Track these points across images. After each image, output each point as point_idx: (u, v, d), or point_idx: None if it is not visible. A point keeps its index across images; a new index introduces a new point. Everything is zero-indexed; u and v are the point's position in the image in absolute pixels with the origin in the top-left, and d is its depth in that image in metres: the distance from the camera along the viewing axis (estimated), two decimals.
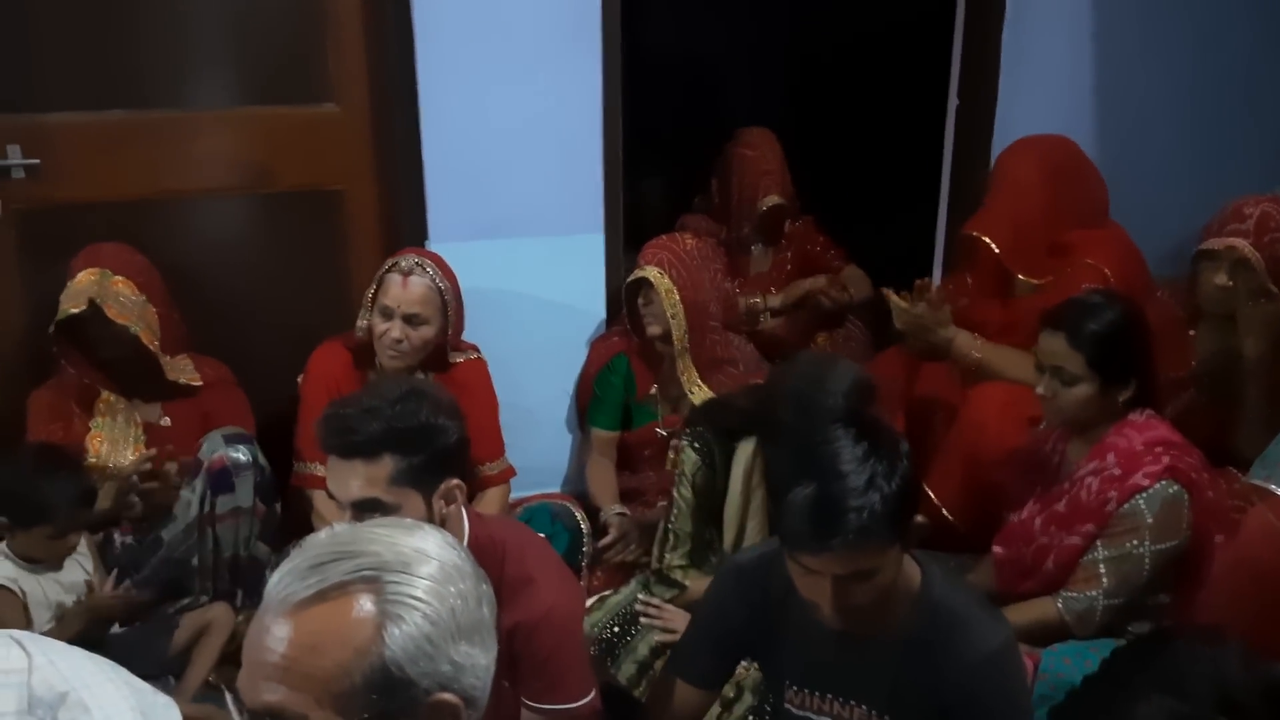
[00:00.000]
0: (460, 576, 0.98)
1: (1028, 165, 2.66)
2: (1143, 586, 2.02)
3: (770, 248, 3.55)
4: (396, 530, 1.00)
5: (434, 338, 2.45)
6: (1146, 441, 2.03)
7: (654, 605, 2.28)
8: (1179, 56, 3.12)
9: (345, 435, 1.58)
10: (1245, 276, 2.34)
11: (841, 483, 1.39)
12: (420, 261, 2.44)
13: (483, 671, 0.98)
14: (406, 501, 1.59)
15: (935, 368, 2.82)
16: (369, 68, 2.66)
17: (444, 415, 1.65)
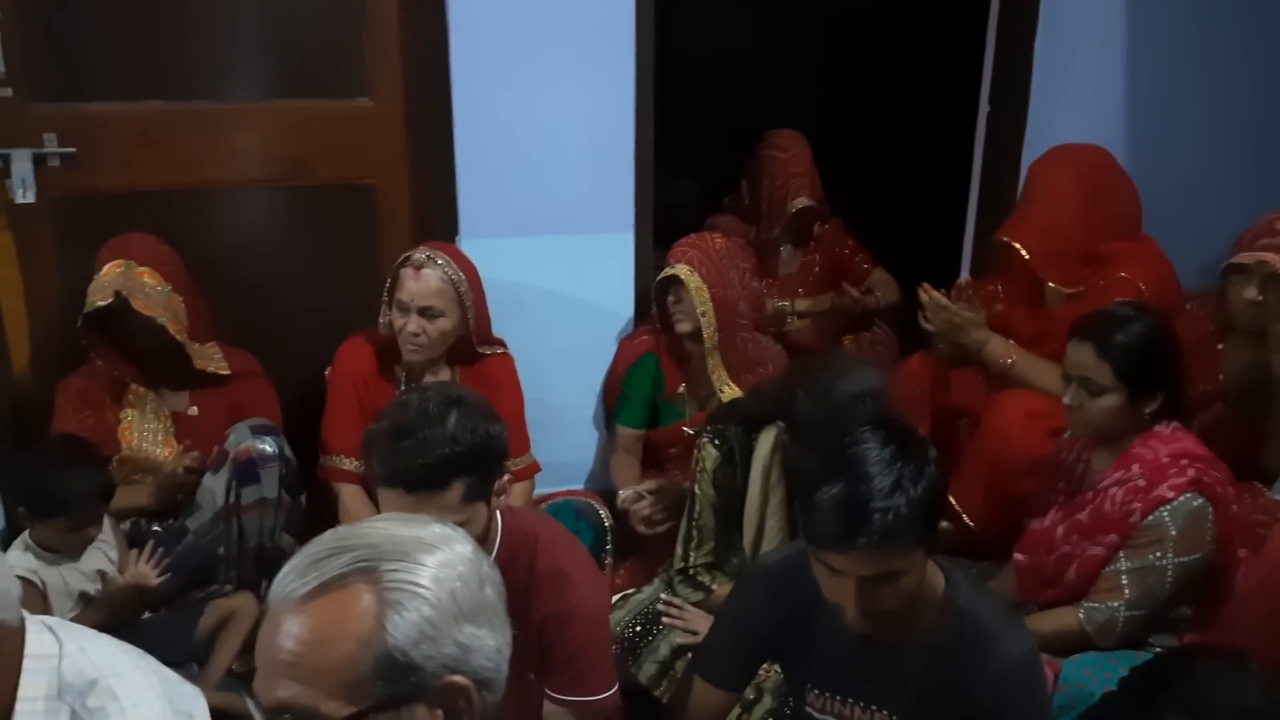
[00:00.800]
0: (459, 560, 1.00)
1: (1063, 173, 2.63)
2: (1165, 599, 2.02)
3: (799, 249, 3.55)
4: (394, 522, 1.03)
5: (453, 330, 2.46)
6: (1172, 454, 2.02)
7: (676, 605, 2.30)
8: (1215, 67, 3.09)
9: (412, 473, 1.54)
10: (1276, 292, 2.32)
11: (869, 484, 1.40)
12: (432, 254, 2.44)
13: (493, 653, 1.00)
14: (474, 514, 1.60)
15: (961, 374, 2.81)
16: (404, 63, 2.68)
17: (491, 420, 1.65)
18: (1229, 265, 2.39)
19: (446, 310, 2.43)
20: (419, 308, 2.41)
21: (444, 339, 2.46)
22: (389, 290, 2.47)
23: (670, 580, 2.35)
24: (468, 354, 2.56)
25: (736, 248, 2.88)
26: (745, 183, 3.57)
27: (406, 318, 2.42)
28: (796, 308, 3.48)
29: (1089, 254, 2.64)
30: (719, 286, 2.69)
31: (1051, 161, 2.70)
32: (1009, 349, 2.59)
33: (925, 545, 1.46)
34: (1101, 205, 2.64)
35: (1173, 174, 2.73)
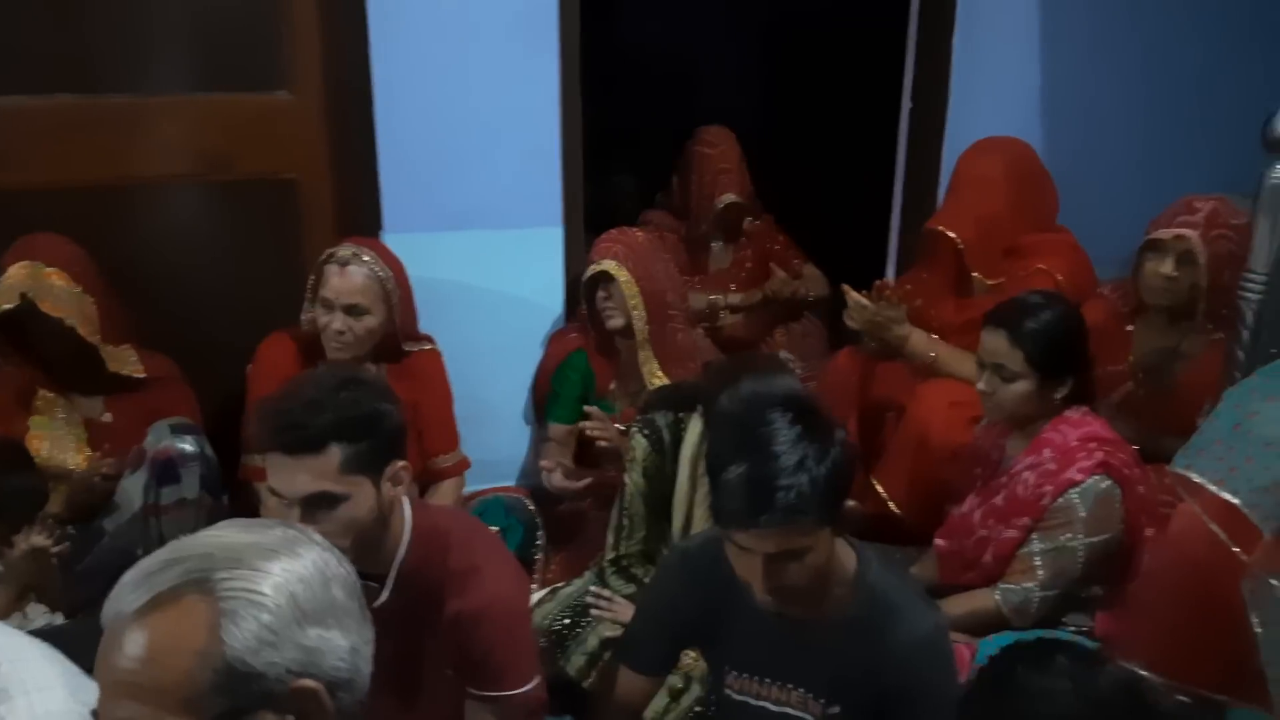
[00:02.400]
0: (301, 563, 0.98)
1: (991, 164, 2.72)
2: (1077, 579, 2.07)
3: (730, 245, 3.59)
4: (231, 529, 1.01)
5: (379, 327, 2.44)
6: (1081, 437, 2.08)
7: (605, 597, 2.30)
8: (1128, 63, 3.19)
9: (290, 431, 1.55)
10: (1189, 269, 2.40)
11: (774, 463, 1.42)
12: (358, 251, 2.42)
13: (346, 653, 0.98)
14: (357, 489, 1.57)
15: (887, 366, 2.87)
16: (323, 56, 2.64)
17: (385, 399, 1.65)
18: (1146, 242, 2.47)
19: (372, 308, 2.41)
20: (344, 305, 2.39)
21: (370, 336, 2.44)
22: (313, 287, 2.44)
23: (602, 572, 2.36)
24: (394, 351, 2.54)
25: (658, 240, 2.90)
26: (676, 179, 3.61)
27: (331, 315, 2.40)
28: (729, 302, 3.52)
29: (1010, 246, 2.71)
30: (647, 279, 2.70)
31: (979, 153, 2.77)
32: (930, 343, 2.66)
33: (831, 523, 1.49)
34: (1025, 197, 2.72)
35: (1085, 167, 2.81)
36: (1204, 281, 2.39)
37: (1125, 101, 3.21)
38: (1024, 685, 1.14)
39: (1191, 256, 2.39)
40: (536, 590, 2.45)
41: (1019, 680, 1.15)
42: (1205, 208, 2.41)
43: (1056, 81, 3.14)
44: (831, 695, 1.62)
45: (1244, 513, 1.46)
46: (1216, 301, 2.40)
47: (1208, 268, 2.38)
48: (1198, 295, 2.41)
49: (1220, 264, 2.38)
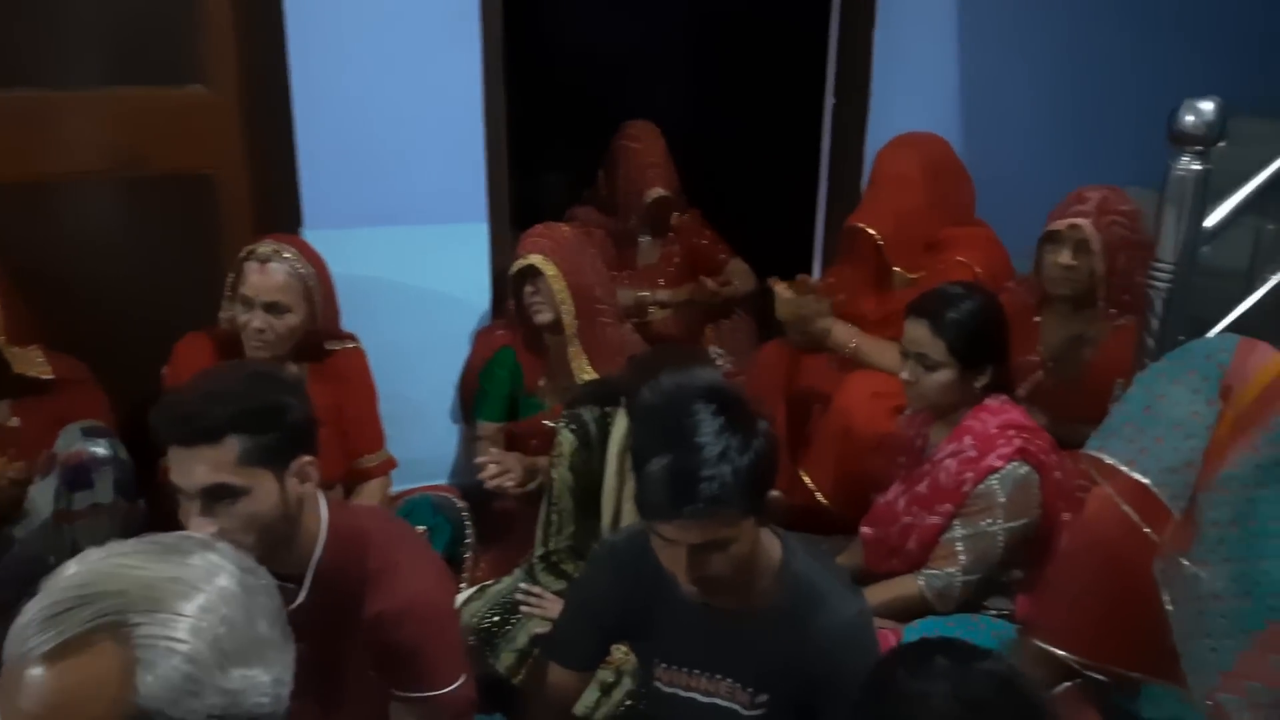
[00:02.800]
0: (223, 600, 0.92)
1: (908, 161, 2.76)
2: (997, 563, 2.12)
3: (658, 240, 3.59)
4: (149, 557, 0.94)
5: (300, 326, 2.40)
6: (1000, 425, 2.12)
7: (535, 594, 2.29)
8: (1041, 61, 3.27)
9: (187, 422, 1.51)
10: (1086, 257, 2.47)
11: (696, 454, 1.42)
12: (278, 248, 2.37)
13: (268, 687, 0.94)
14: (257, 483, 1.54)
15: (813, 359, 2.90)
16: (238, 49, 2.59)
17: (288, 391, 1.61)
18: (1044, 234, 2.55)
19: (293, 306, 2.37)
20: (264, 303, 2.34)
21: (291, 335, 2.39)
22: (231, 285, 2.38)
23: (531, 568, 2.35)
24: (315, 350, 2.50)
25: (585, 235, 2.89)
26: (603, 174, 3.60)
27: (251, 314, 2.35)
28: (657, 298, 3.52)
29: (930, 239, 2.76)
30: (574, 273, 2.69)
31: (897, 149, 2.81)
32: (851, 334, 2.71)
33: (754, 513, 1.49)
34: (943, 192, 2.77)
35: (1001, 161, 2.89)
36: (1100, 268, 2.46)
37: (1039, 98, 3.30)
38: (903, 690, 1.15)
39: (1087, 245, 2.46)
40: (465, 588, 2.43)
41: (899, 685, 1.16)
42: (1095, 196, 2.49)
43: (973, 78, 3.21)
44: (759, 684, 1.63)
45: (1154, 493, 1.50)
46: (1115, 286, 2.48)
47: (1103, 254, 2.45)
48: (1096, 282, 2.48)
49: (1114, 249, 2.45)
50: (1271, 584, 1.46)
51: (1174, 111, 2.02)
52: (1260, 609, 1.46)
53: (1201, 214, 2.07)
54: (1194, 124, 2.00)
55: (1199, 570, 1.49)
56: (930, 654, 1.19)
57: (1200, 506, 1.50)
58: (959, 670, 1.15)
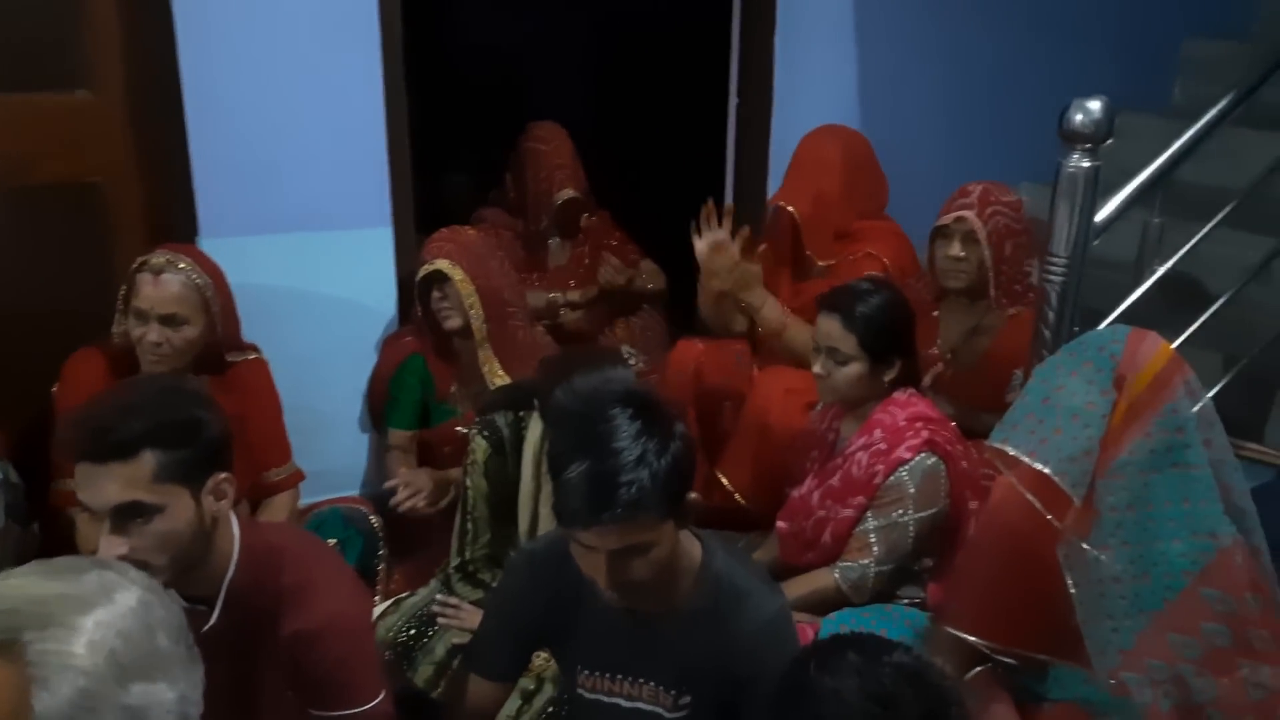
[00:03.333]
0: (120, 615, 0.91)
1: (832, 148, 2.82)
2: (909, 553, 2.16)
3: (568, 241, 3.58)
4: (39, 577, 0.92)
5: (199, 338, 2.33)
6: (908, 417, 2.18)
7: (452, 605, 2.26)
8: (936, 62, 3.36)
9: (100, 437, 1.46)
10: (974, 248, 2.55)
11: (613, 459, 1.42)
12: (172, 258, 2.30)
13: (173, 704, 0.92)
14: (173, 500, 1.49)
15: (723, 356, 2.92)
16: (125, 52, 2.50)
17: (205, 408, 1.58)
18: (934, 230, 2.63)
19: (191, 317, 2.29)
20: (160, 315, 2.26)
21: (189, 347, 2.32)
22: (124, 297, 2.30)
23: (448, 579, 2.32)
24: (216, 362, 2.43)
25: (492, 238, 2.87)
26: (510, 176, 3.57)
27: (146, 327, 2.26)
28: (568, 298, 3.51)
29: (842, 230, 2.81)
30: (482, 277, 2.67)
31: (821, 136, 2.87)
32: (783, 312, 2.70)
33: (673, 516, 1.50)
34: (859, 183, 2.84)
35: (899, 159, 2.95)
36: (989, 258, 2.54)
37: (934, 97, 3.38)
38: (815, 688, 1.17)
39: (974, 236, 2.54)
40: (380, 602, 2.39)
41: (811, 683, 1.18)
42: (977, 190, 2.58)
43: (871, 79, 3.29)
44: (682, 686, 1.64)
45: (1055, 481, 1.55)
46: (1004, 275, 2.57)
47: (989, 244, 2.53)
48: (986, 272, 2.56)
49: (1000, 238, 2.55)
50: (1167, 565, 1.53)
51: (1064, 111, 2.09)
52: (1158, 589, 1.53)
53: (1092, 209, 2.15)
54: (1083, 123, 2.07)
55: (1099, 554, 1.55)
56: (841, 650, 1.21)
57: (1098, 492, 1.56)
58: (869, 665, 1.17)
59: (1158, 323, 2.23)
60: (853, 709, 1.14)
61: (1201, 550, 1.52)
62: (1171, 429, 1.53)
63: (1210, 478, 1.54)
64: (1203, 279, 2.79)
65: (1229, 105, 2.43)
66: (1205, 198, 2.64)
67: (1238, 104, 2.44)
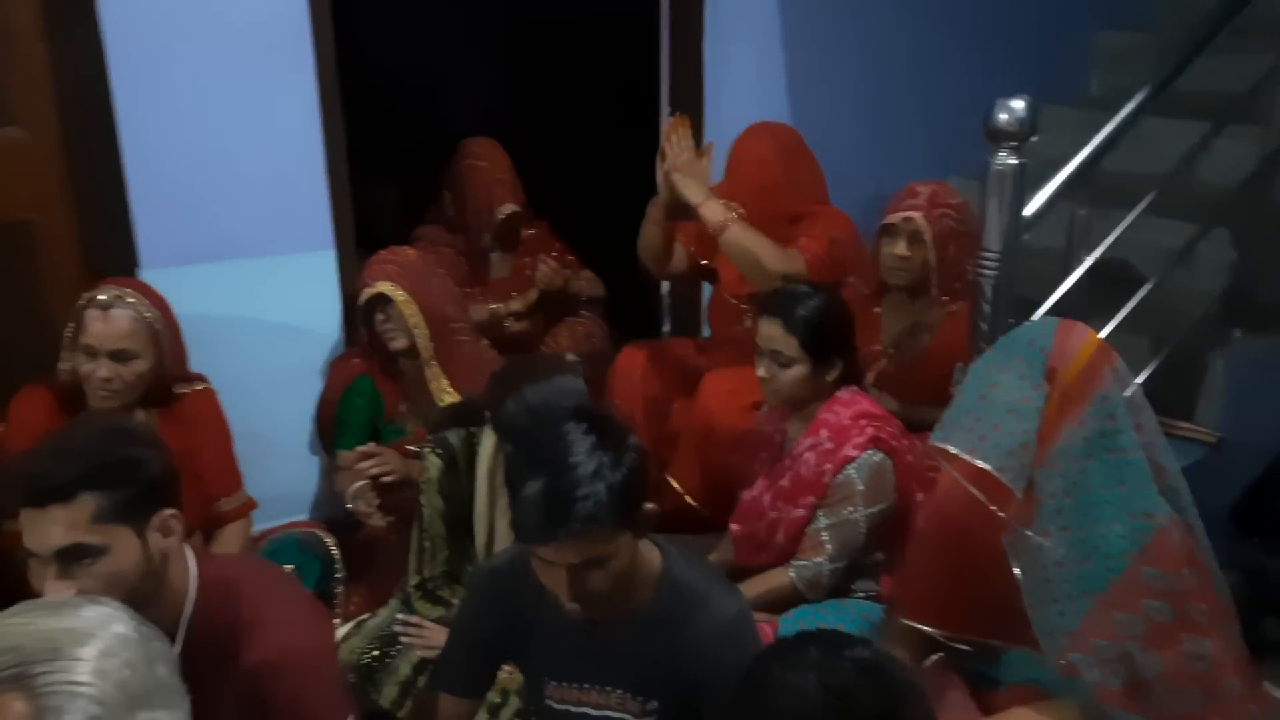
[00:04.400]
0: (122, 645, 0.93)
1: (764, 145, 2.81)
2: (861, 548, 2.21)
3: (509, 254, 3.59)
4: (39, 614, 0.94)
5: (149, 372, 2.31)
6: (853, 415, 2.22)
7: (413, 624, 2.27)
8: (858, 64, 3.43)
9: (35, 482, 1.46)
10: (919, 247, 2.60)
11: (569, 475, 1.44)
12: (120, 293, 2.28)
13: None
14: (116, 541, 1.49)
15: (668, 359, 2.96)
16: (56, 86, 2.47)
17: (144, 445, 1.57)
18: (881, 227, 2.66)
19: (140, 352, 2.27)
20: (109, 351, 2.24)
21: (139, 382, 2.30)
22: (72, 334, 2.26)
23: (407, 598, 2.32)
24: (163, 394, 2.40)
25: (431, 256, 2.88)
26: (448, 194, 3.55)
27: (96, 363, 2.24)
28: (510, 309, 3.52)
29: (794, 213, 2.81)
30: (424, 296, 2.68)
31: (752, 135, 2.86)
32: (728, 213, 2.64)
33: (630, 527, 1.52)
34: (798, 170, 2.84)
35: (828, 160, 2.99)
36: (933, 257, 2.59)
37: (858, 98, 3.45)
38: (776, 683, 1.20)
39: (920, 236, 2.59)
40: (340, 625, 2.38)
41: (772, 678, 1.21)
42: (926, 191, 2.61)
43: (797, 84, 3.35)
44: (648, 692, 1.66)
45: (996, 476, 1.60)
46: (946, 275, 2.61)
47: (934, 244, 2.58)
48: (929, 271, 2.61)
49: (945, 240, 2.59)
50: (1108, 547, 1.58)
51: (989, 110, 2.15)
52: (1100, 571, 1.58)
53: (1021, 204, 2.21)
54: (1007, 121, 2.13)
55: (1042, 540, 1.61)
56: (803, 646, 1.24)
57: (1038, 481, 1.61)
58: (827, 660, 1.20)
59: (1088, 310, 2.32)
60: (813, 703, 1.17)
61: (1139, 531, 1.57)
62: (1103, 416, 1.59)
63: (1143, 461, 1.60)
64: (1129, 265, 2.87)
65: (1147, 97, 2.49)
66: (1127, 185, 2.73)
67: (1155, 95, 2.51)
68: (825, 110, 3.35)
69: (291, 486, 2.93)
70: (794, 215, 2.81)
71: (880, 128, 3.45)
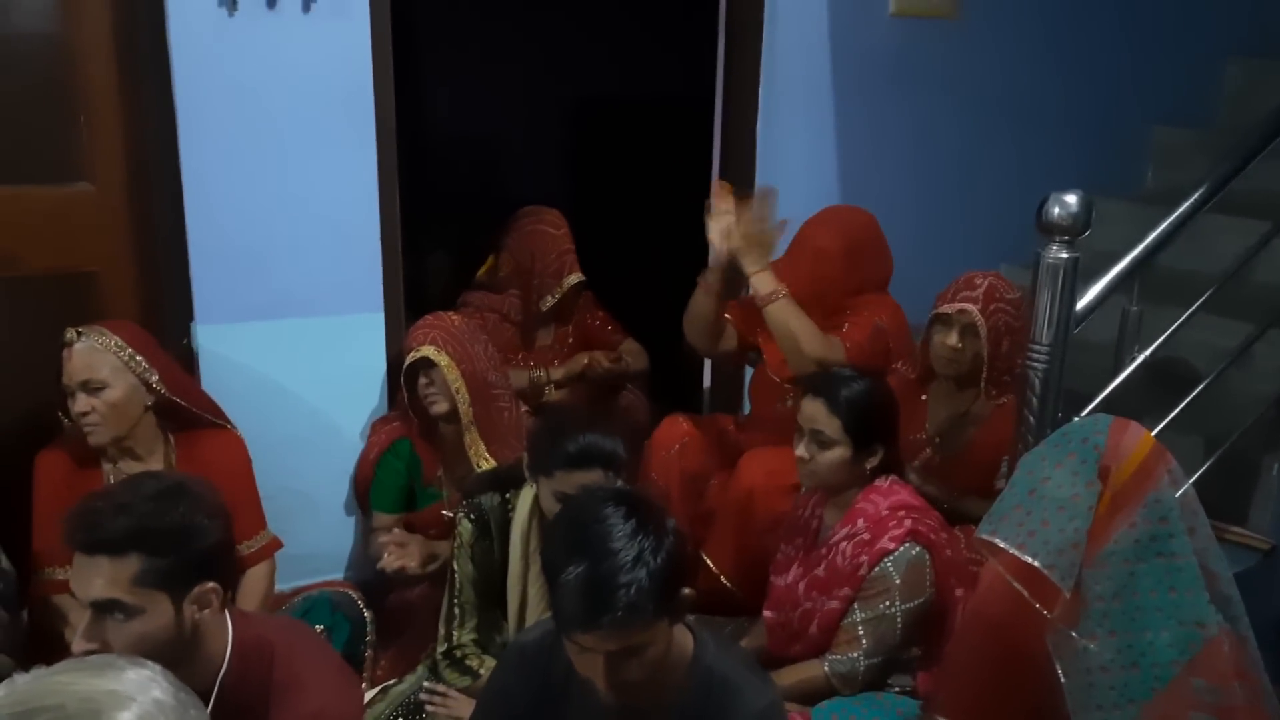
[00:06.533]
0: (160, 709, 0.94)
1: (831, 237, 2.76)
2: (897, 644, 2.15)
3: (554, 322, 3.60)
4: (83, 673, 0.95)
5: (126, 398, 2.30)
6: (891, 506, 2.17)
7: (439, 692, 2.25)
8: (910, 149, 3.45)
9: (90, 531, 1.49)
10: (972, 340, 2.57)
11: (610, 561, 1.43)
12: (83, 330, 2.31)
13: None
14: (151, 605, 1.50)
15: (709, 437, 2.94)
16: (126, 146, 2.55)
17: (204, 514, 1.58)
18: (933, 316, 2.63)
19: (109, 379, 2.28)
20: (79, 384, 2.27)
21: (120, 410, 2.29)
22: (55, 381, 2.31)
23: (435, 665, 2.30)
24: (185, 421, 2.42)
25: (475, 321, 2.90)
26: (507, 258, 3.55)
27: (74, 400, 2.28)
28: (552, 377, 3.52)
29: (841, 305, 2.80)
30: (467, 361, 2.70)
31: (823, 223, 2.82)
32: (779, 286, 2.61)
33: (669, 614, 1.50)
34: (859, 264, 2.80)
35: None
36: (985, 351, 2.55)
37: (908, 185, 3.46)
38: None
39: (974, 329, 2.55)
40: (367, 689, 2.37)
41: None
42: (983, 284, 2.57)
43: (847, 165, 3.37)
44: None
45: (1044, 574, 1.57)
46: (997, 369, 2.57)
47: (988, 339, 2.54)
48: (980, 364, 2.57)
49: (999, 335, 2.55)
50: (1155, 654, 1.54)
51: (1042, 203, 2.14)
52: (1147, 679, 1.54)
53: (1073, 298, 2.19)
54: (1061, 215, 2.12)
55: (1087, 643, 1.57)
56: None
57: (1085, 582, 1.58)
58: None
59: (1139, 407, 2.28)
60: None
61: (1189, 640, 1.53)
62: (1155, 519, 1.56)
63: (1195, 566, 1.56)
64: (1183, 364, 2.83)
65: (1205, 193, 2.46)
66: (1182, 282, 2.70)
67: (1214, 193, 2.47)
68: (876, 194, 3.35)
69: (327, 545, 2.93)
70: (842, 306, 2.79)
71: (931, 213, 3.46)
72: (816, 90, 3.30)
